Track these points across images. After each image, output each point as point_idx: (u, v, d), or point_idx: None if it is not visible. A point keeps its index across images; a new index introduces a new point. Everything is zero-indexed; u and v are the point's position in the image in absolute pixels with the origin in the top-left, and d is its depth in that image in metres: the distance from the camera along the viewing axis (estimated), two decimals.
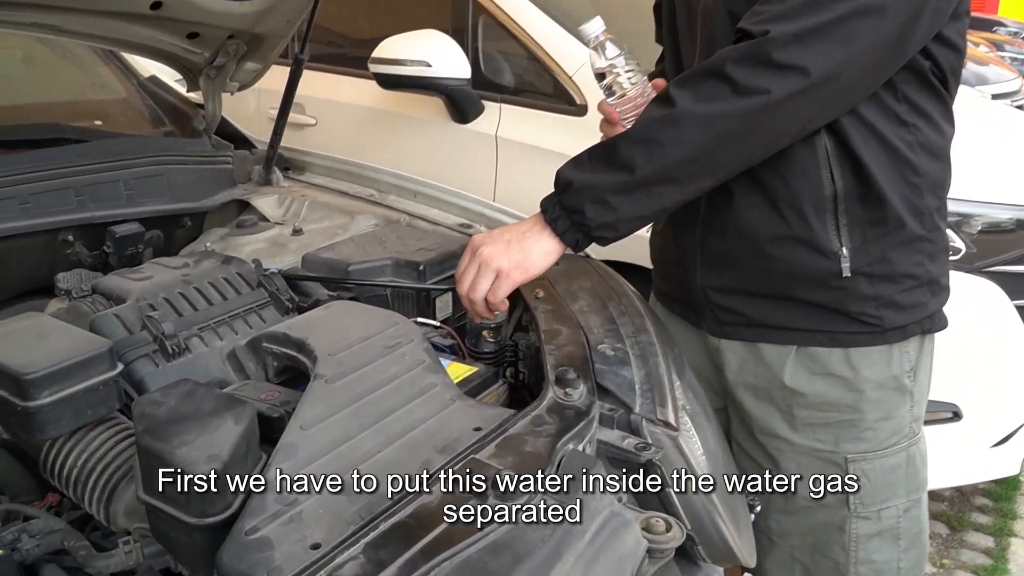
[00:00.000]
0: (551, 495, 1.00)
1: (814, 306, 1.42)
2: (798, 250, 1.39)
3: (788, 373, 1.46)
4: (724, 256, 1.48)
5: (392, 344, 1.29)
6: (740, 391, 1.54)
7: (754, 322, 1.48)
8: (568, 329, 1.44)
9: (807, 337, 1.44)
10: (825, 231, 1.37)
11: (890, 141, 1.34)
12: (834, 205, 1.36)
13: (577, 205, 1.31)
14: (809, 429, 1.49)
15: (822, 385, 1.46)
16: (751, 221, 1.41)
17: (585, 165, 1.33)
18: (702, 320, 1.56)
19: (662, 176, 1.27)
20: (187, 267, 1.55)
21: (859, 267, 1.38)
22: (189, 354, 1.37)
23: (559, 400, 1.22)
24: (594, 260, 1.80)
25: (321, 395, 1.15)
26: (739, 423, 1.59)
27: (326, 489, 0.98)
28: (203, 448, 0.98)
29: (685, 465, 1.24)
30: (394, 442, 1.08)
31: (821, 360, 1.45)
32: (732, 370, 1.54)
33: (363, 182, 2.36)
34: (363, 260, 1.68)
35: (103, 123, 2.38)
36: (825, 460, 1.48)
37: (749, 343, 1.50)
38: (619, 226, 1.31)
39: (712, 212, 1.48)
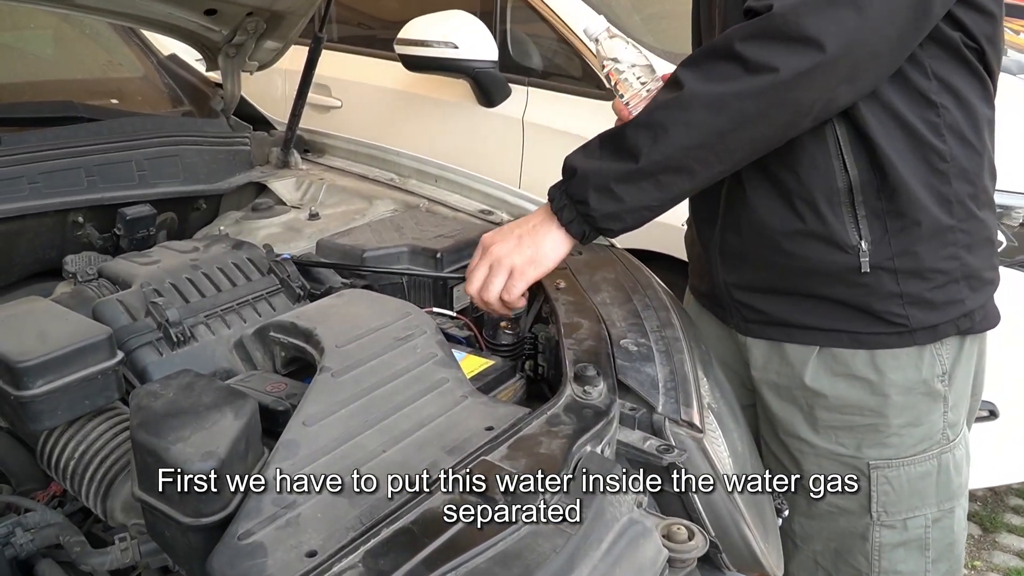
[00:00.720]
0: (566, 500, 0.97)
1: (836, 304, 1.38)
2: (815, 245, 1.35)
3: (809, 373, 1.43)
4: (742, 253, 1.45)
5: (403, 336, 1.27)
6: (764, 389, 1.52)
7: (776, 320, 1.45)
8: (589, 322, 1.41)
9: (829, 337, 1.41)
10: (841, 225, 1.32)
11: (912, 125, 1.28)
12: (850, 197, 1.31)
13: (581, 194, 1.27)
14: (831, 432, 1.45)
15: (844, 387, 1.42)
16: (765, 216, 1.38)
17: (593, 151, 1.29)
18: (729, 317, 1.54)
19: (669, 163, 1.23)
20: (196, 251, 1.53)
21: (880, 262, 1.33)
22: (195, 343, 1.36)
23: (577, 398, 1.18)
24: (619, 250, 1.77)
25: (326, 389, 1.12)
26: (765, 422, 1.56)
27: (326, 491, 0.95)
28: (200, 444, 0.95)
29: (710, 468, 1.21)
30: (400, 441, 1.05)
31: (844, 361, 1.41)
32: (757, 368, 1.51)
33: (384, 166, 2.34)
34: (379, 247, 1.66)
35: (119, 102, 2.36)
36: (846, 465, 1.45)
37: (773, 341, 1.47)
38: (625, 216, 1.27)
39: (728, 207, 1.44)
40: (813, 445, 1.47)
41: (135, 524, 1.10)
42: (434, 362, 1.22)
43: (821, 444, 1.46)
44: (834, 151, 1.30)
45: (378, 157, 2.37)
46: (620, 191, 1.25)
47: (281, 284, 1.50)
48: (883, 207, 1.31)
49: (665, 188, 1.25)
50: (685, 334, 1.41)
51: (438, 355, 1.24)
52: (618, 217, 1.27)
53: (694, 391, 1.29)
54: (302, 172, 2.26)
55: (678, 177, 1.24)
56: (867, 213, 1.32)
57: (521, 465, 1.01)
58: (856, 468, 1.44)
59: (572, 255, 1.65)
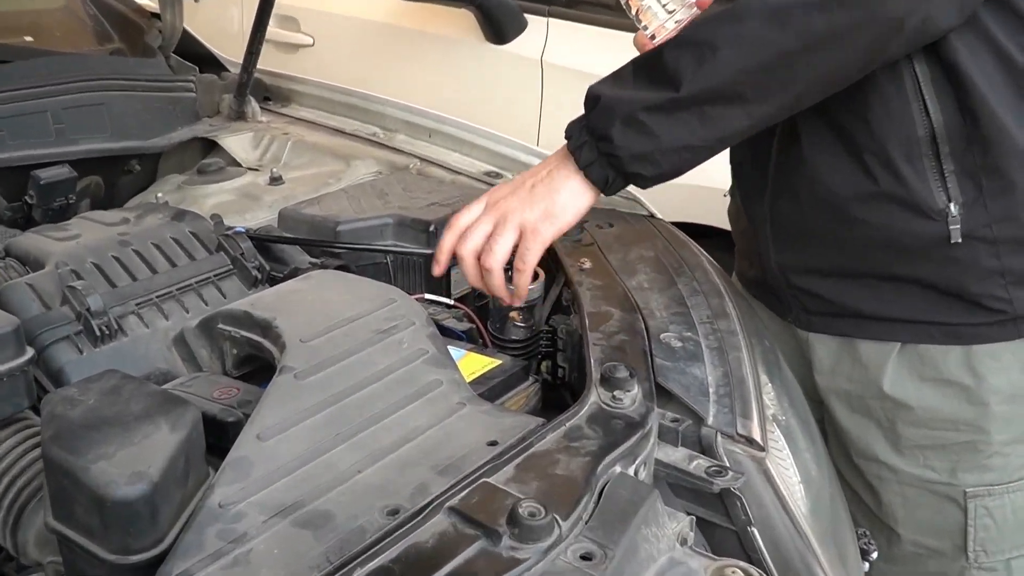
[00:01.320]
0: (588, 535, 0.97)
1: (921, 287, 1.39)
2: (890, 211, 1.35)
3: (889, 378, 1.44)
4: (799, 226, 1.45)
5: (386, 328, 1.26)
6: (832, 399, 1.52)
7: (846, 311, 1.45)
8: (621, 312, 1.41)
9: (914, 331, 1.41)
10: (924, 183, 1.32)
11: (1011, 55, 1.28)
12: (933, 148, 1.31)
13: (604, 128, 1.27)
14: (917, 452, 1.46)
15: (933, 395, 1.42)
16: (827, 177, 1.38)
17: (625, 78, 1.29)
18: (786, 309, 1.55)
19: (718, 90, 1.22)
20: (126, 224, 1.54)
21: (974, 230, 1.33)
22: (124, 337, 1.36)
23: (604, 406, 1.18)
24: (660, 221, 1.77)
25: (287, 395, 1.12)
26: (834, 441, 1.57)
27: (285, 521, 0.95)
28: (126, 463, 0.95)
29: (774, 496, 1.20)
30: (380, 459, 1.05)
31: (933, 362, 1.41)
32: (823, 372, 1.52)
33: (365, 117, 2.35)
34: (357, 218, 1.67)
35: (34, 39, 2.37)
36: (937, 494, 1.46)
37: (843, 338, 1.47)
38: (659, 159, 1.26)
39: (780, 168, 1.44)
40: (895, 469, 1.48)
41: (52, 562, 1.10)
42: (424, 361, 1.22)
43: (905, 468, 1.47)
44: (911, 90, 1.30)
45: (358, 107, 2.37)
46: (653, 124, 1.24)
47: (233, 264, 1.51)
48: (975, 160, 1.31)
49: (712, 123, 1.24)
50: (743, 327, 1.41)
51: (429, 352, 1.23)
52: (650, 159, 1.26)
53: (754, 398, 1.28)
54: (261, 125, 2.27)
55: (729, 109, 1.23)
56: (955, 168, 1.31)
57: (532, 490, 1.00)
58: (949, 498, 1.45)
59: (600, 227, 1.66)
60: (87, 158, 1.98)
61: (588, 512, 1.00)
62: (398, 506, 0.97)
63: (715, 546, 1.20)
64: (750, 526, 1.18)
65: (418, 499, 0.99)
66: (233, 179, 2.02)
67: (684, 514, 1.08)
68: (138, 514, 0.93)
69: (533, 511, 0.93)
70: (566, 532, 0.95)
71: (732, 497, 1.17)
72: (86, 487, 0.94)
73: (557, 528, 0.94)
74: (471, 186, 1.91)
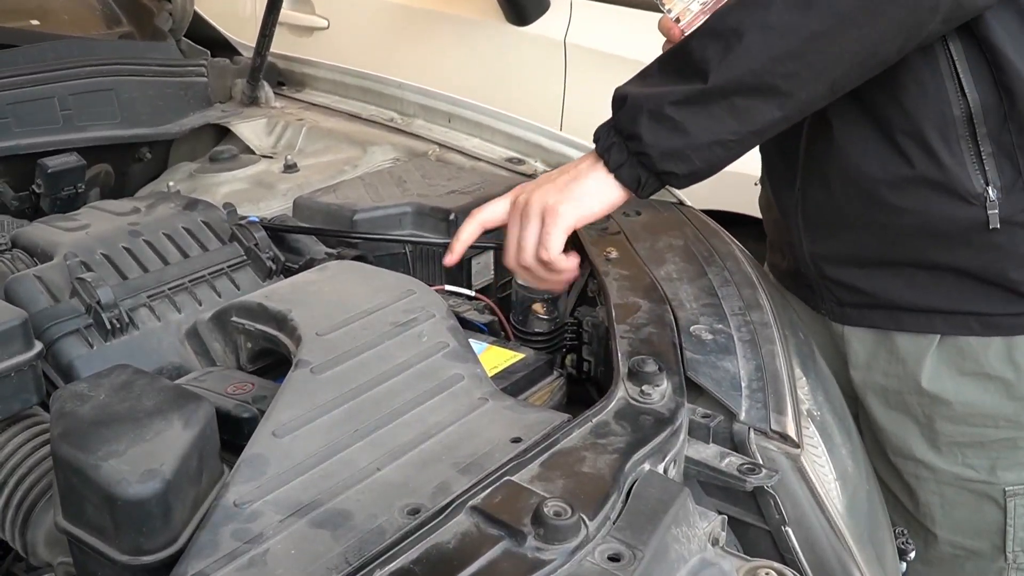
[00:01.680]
0: (616, 535, 0.96)
1: (960, 275, 1.38)
2: (926, 195, 1.34)
3: (927, 373, 1.44)
4: (832, 214, 1.45)
5: (405, 321, 1.27)
6: (868, 395, 1.52)
7: (881, 302, 1.45)
8: (649, 303, 1.41)
9: (952, 322, 1.41)
10: (961, 166, 1.32)
11: None
12: (970, 129, 1.31)
13: (632, 126, 1.26)
14: (956, 450, 1.46)
15: (973, 390, 1.42)
16: (859, 161, 1.37)
17: (651, 75, 1.29)
18: (819, 301, 1.55)
19: (748, 80, 1.21)
20: (136, 213, 1.54)
21: (1014, 214, 1.33)
22: (135, 331, 1.36)
23: (633, 402, 1.18)
24: (690, 209, 1.77)
25: (303, 390, 1.12)
26: (870, 438, 1.56)
27: (302, 520, 0.95)
28: (138, 461, 0.96)
29: (809, 495, 1.21)
30: (399, 456, 1.05)
31: (973, 355, 1.41)
32: (859, 366, 1.52)
33: (381, 102, 2.34)
34: (374, 206, 1.67)
35: (40, 23, 2.37)
36: (976, 492, 1.46)
37: (879, 330, 1.47)
38: (692, 156, 1.25)
39: (810, 153, 1.44)
40: (933, 468, 1.48)
41: (62, 563, 1.10)
42: (444, 354, 1.22)
43: (943, 466, 1.47)
44: (946, 69, 1.29)
45: (374, 91, 2.37)
46: (683, 119, 1.23)
47: (247, 255, 1.51)
48: (1014, 140, 1.30)
49: (744, 115, 1.23)
50: (776, 318, 1.41)
51: (450, 345, 1.23)
52: (682, 156, 1.25)
53: (788, 393, 1.28)
54: (275, 111, 2.27)
55: (761, 101, 1.22)
56: (993, 150, 1.31)
57: (557, 488, 1.00)
58: (989, 496, 1.45)
59: (628, 215, 1.65)
60: (96, 145, 1.98)
61: (616, 512, 0.99)
62: (418, 505, 0.97)
63: (748, 546, 1.20)
64: (784, 526, 1.18)
65: (439, 498, 0.99)
66: (246, 167, 2.02)
67: (716, 513, 1.08)
68: (150, 513, 0.94)
69: (559, 510, 0.93)
70: (593, 532, 0.95)
71: (765, 496, 1.17)
72: (97, 486, 0.94)
73: (584, 528, 0.94)
74: (492, 172, 1.91)
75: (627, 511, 1.00)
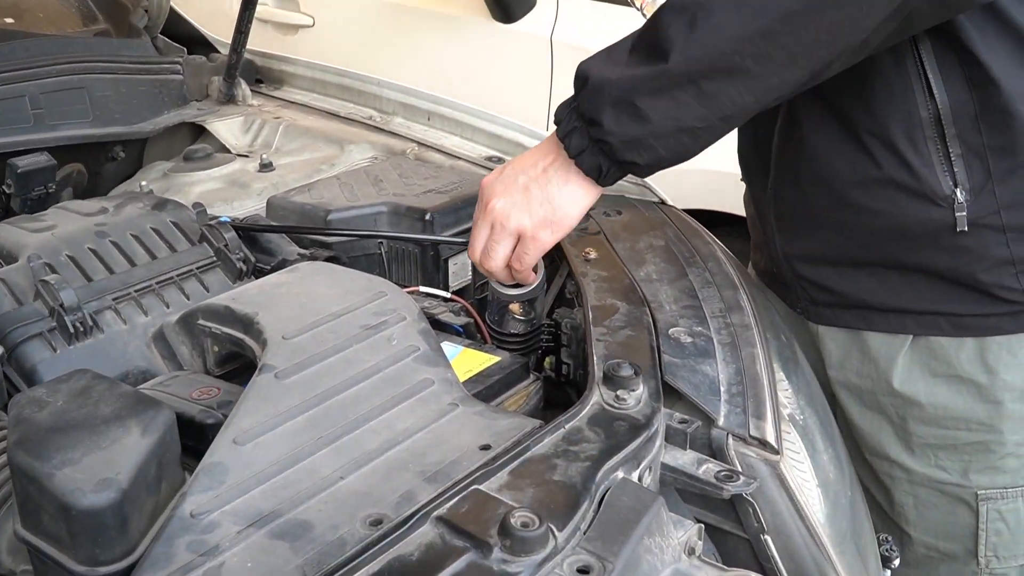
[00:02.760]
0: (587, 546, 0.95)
1: (929, 276, 1.39)
2: (894, 196, 1.34)
3: (899, 373, 1.44)
4: (802, 213, 1.45)
5: (374, 323, 1.25)
6: (843, 394, 1.53)
7: (852, 302, 1.46)
8: (628, 305, 1.40)
9: (923, 322, 1.41)
10: (928, 168, 1.32)
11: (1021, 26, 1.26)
12: (938, 130, 1.31)
13: (593, 110, 1.21)
14: (928, 452, 1.47)
15: (945, 392, 1.43)
16: (829, 161, 1.37)
17: (618, 53, 1.23)
18: (795, 299, 1.56)
19: (714, 61, 1.15)
20: (104, 214, 1.53)
21: (982, 217, 1.32)
22: (100, 334, 1.35)
23: (607, 407, 1.17)
24: (672, 208, 1.76)
25: (267, 396, 1.11)
26: (847, 437, 1.56)
27: (260, 532, 0.93)
28: (94, 469, 0.95)
29: (789, 502, 1.20)
30: (364, 464, 1.04)
31: (945, 356, 1.42)
32: (834, 366, 1.53)
33: (361, 99, 2.35)
34: (349, 205, 1.67)
35: (14, 21, 2.36)
36: (948, 495, 1.47)
37: (852, 330, 1.48)
38: (655, 144, 1.20)
39: (782, 151, 1.43)
40: (906, 468, 1.49)
41: (24, 571, 1.08)
42: (414, 358, 1.21)
43: (916, 468, 1.48)
44: (913, 70, 1.28)
45: (353, 88, 2.37)
46: (644, 105, 1.17)
47: (217, 256, 1.50)
48: (984, 141, 1.29)
49: (710, 100, 1.16)
50: (758, 320, 1.40)
51: (420, 349, 1.22)
52: (644, 145, 1.20)
53: (768, 397, 1.27)
54: (252, 109, 2.27)
55: (729, 83, 1.16)
56: (962, 151, 1.30)
57: (526, 497, 0.99)
58: (960, 499, 1.46)
59: (608, 215, 1.64)
60: (68, 145, 1.98)
61: (587, 521, 0.98)
62: (381, 515, 0.96)
63: (726, 555, 1.20)
64: (763, 534, 1.17)
65: (403, 508, 0.97)
66: (221, 166, 2.02)
67: (692, 522, 1.07)
68: (106, 523, 0.93)
69: (526, 521, 0.92)
70: (562, 543, 0.94)
71: (744, 503, 1.17)
72: (52, 495, 0.93)
73: (552, 539, 0.93)
74: (471, 171, 1.90)
75: (598, 521, 0.99)
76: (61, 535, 0.94)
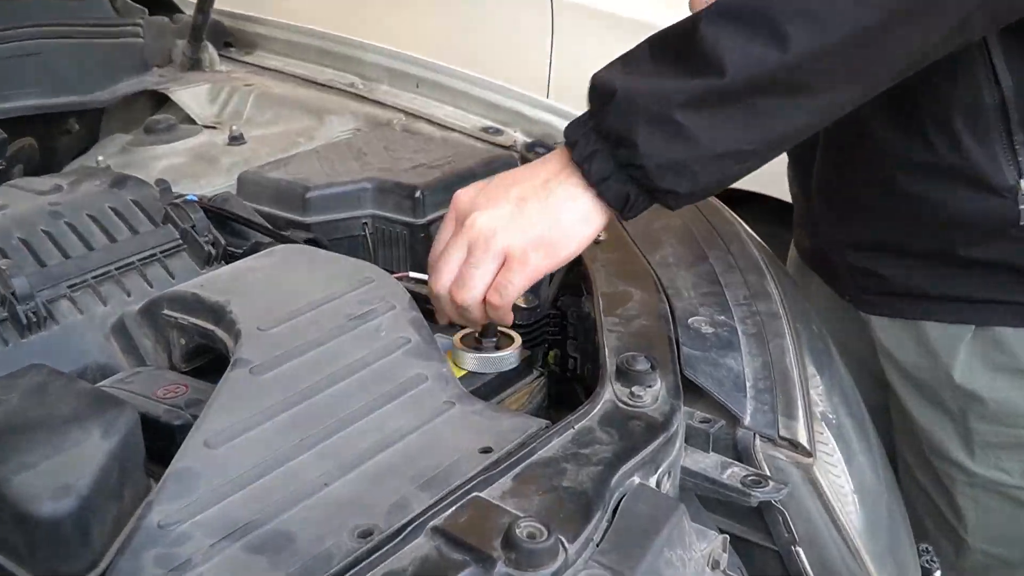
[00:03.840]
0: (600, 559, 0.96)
1: (990, 266, 1.40)
2: (951, 185, 1.36)
3: (960, 366, 1.45)
4: (852, 197, 1.47)
5: (360, 313, 1.26)
6: (900, 386, 1.55)
7: (907, 290, 1.47)
8: (642, 292, 1.40)
9: (985, 313, 1.43)
10: (990, 157, 1.33)
11: None
12: (1002, 118, 1.32)
13: (625, 129, 1.15)
14: (990, 452, 1.48)
15: (1008, 387, 1.44)
16: (882, 145, 1.39)
17: (640, 61, 1.18)
18: (844, 287, 1.57)
19: (775, 77, 1.12)
20: (59, 192, 1.53)
21: None
22: (55, 325, 1.35)
23: (621, 404, 1.17)
24: None
25: (241, 393, 1.11)
26: (904, 433, 1.59)
27: (237, 545, 0.93)
28: (52, 474, 0.95)
29: (823, 511, 1.21)
30: (351, 470, 1.04)
31: (1009, 348, 1.43)
32: (888, 356, 1.54)
33: (341, 64, 2.34)
34: (330, 182, 1.67)
35: None
36: (1012, 500, 1.49)
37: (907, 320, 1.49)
38: (697, 170, 1.15)
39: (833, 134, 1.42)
40: (966, 470, 1.50)
41: None
42: (405, 352, 1.21)
43: (977, 470, 1.49)
44: (978, 53, 1.29)
45: (333, 52, 2.36)
46: (692, 123, 1.12)
47: (183, 238, 1.49)
48: None
49: (763, 120, 1.13)
50: (787, 308, 1.41)
51: (412, 341, 1.22)
52: (686, 170, 1.15)
53: (799, 394, 1.28)
54: (220, 75, 2.27)
55: (787, 101, 1.13)
56: None
57: (532, 506, 0.99)
58: (1022, 504, 1.48)
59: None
60: (18, 117, 1.97)
61: (600, 532, 0.98)
62: (372, 526, 0.96)
63: (754, 569, 1.20)
64: (795, 545, 1.18)
65: (396, 518, 0.97)
66: (186, 139, 2.02)
67: (716, 532, 1.08)
68: (66, 534, 0.93)
69: (533, 532, 0.92)
70: (573, 556, 0.94)
71: (773, 512, 1.17)
72: (7, 502, 0.94)
73: (562, 552, 0.93)
74: (465, 144, 1.90)
75: (613, 531, 0.99)
76: (18, 546, 0.94)
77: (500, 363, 1.31)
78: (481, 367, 1.30)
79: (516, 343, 1.32)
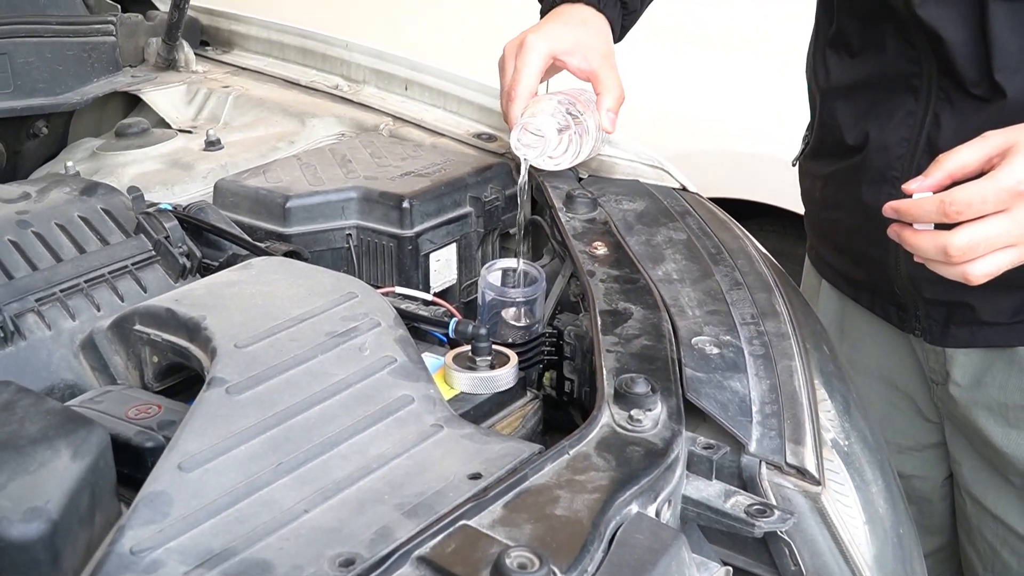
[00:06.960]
0: None
1: None
2: None
3: None
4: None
5: (343, 330, 1.26)
6: (982, 415, 1.55)
7: (998, 320, 1.49)
8: (643, 310, 1.41)
9: None
10: None
11: None
12: None
13: None
14: None
15: None
16: None
17: None
18: (912, 323, 1.59)
19: None
20: (26, 200, 1.53)
21: None
22: (21, 341, 1.36)
23: (619, 429, 1.18)
24: (695, 196, 1.76)
25: (217, 414, 1.12)
26: (978, 462, 1.60)
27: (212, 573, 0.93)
28: (19, 497, 0.95)
29: (832, 542, 1.21)
30: (332, 496, 1.04)
31: None
32: (964, 382, 1.55)
33: (325, 65, 2.34)
34: (313, 190, 1.67)
35: None
36: None
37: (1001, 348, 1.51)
38: None
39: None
40: None
41: None
42: (390, 371, 1.21)
43: None
44: None
45: (316, 52, 2.37)
46: None
47: (155, 250, 1.50)
48: None
49: None
50: (796, 328, 1.41)
51: (398, 360, 1.23)
52: None
53: (809, 419, 1.28)
54: (196, 76, 2.26)
55: None
56: None
57: (524, 535, 0.99)
58: None
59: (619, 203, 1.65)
60: None
61: (595, 563, 0.99)
62: (354, 555, 0.96)
63: None
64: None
65: (379, 546, 0.97)
66: (160, 143, 2.01)
67: (719, 564, 1.09)
68: (36, 558, 0.93)
69: (524, 562, 0.92)
70: None
71: (779, 543, 1.17)
72: None
73: None
74: (457, 151, 1.90)
75: (609, 562, 0.99)
76: None
77: (495, 382, 1.32)
78: (475, 387, 1.31)
79: (512, 361, 1.33)
